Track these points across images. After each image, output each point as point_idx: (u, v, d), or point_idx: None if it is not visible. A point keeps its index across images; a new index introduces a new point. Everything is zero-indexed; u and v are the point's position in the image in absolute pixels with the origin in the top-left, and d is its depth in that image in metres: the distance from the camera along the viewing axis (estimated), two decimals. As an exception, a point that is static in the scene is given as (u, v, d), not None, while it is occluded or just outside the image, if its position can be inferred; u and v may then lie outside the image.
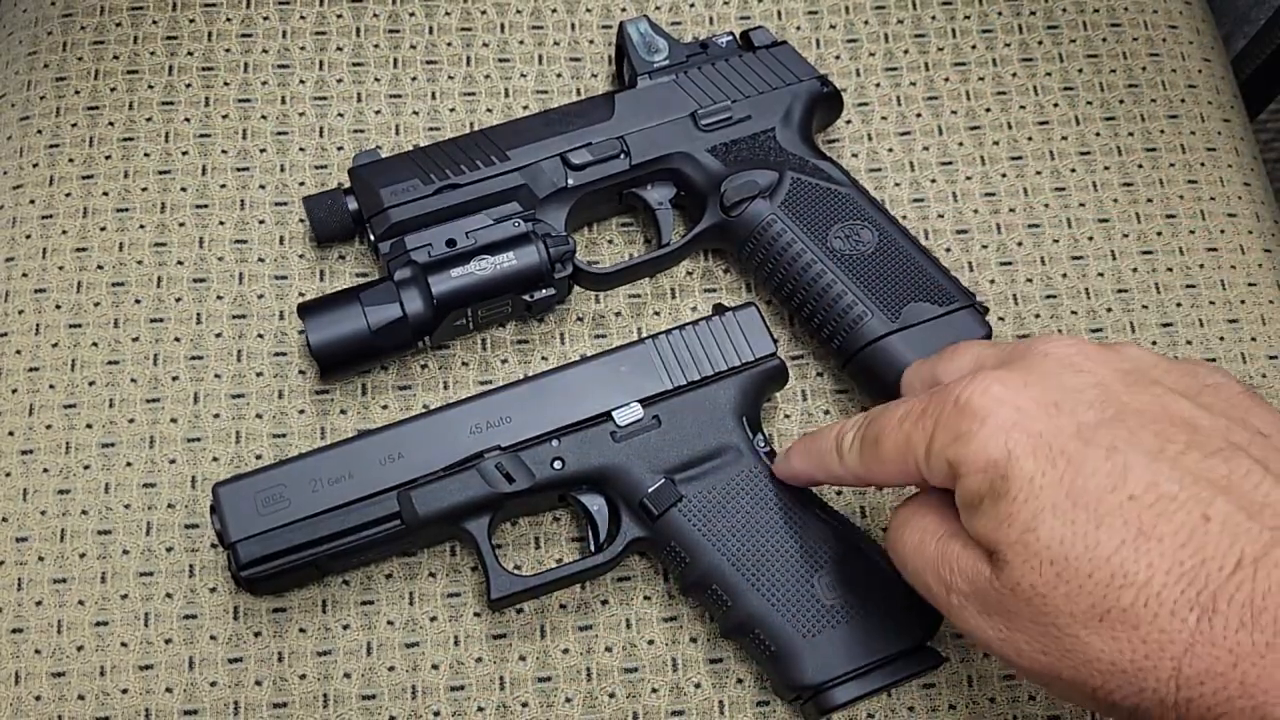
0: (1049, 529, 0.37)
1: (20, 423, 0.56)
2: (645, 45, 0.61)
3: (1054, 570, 0.37)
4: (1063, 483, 0.37)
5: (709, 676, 0.54)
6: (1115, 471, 0.37)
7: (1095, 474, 0.37)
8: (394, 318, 0.55)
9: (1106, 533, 0.36)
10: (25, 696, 0.52)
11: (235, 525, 0.50)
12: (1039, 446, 0.38)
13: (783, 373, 0.55)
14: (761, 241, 0.57)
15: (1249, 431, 0.38)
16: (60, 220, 0.61)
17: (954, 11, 0.68)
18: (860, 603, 0.50)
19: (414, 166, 0.58)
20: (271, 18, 0.66)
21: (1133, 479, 0.37)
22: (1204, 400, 0.39)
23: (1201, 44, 0.69)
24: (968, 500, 0.40)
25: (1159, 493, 0.36)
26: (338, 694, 0.53)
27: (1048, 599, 0.37)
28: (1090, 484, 0.37)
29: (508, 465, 0.52)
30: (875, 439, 0.43)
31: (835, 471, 0.47)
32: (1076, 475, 0.37)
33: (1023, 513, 0.38)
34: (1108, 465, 0.37)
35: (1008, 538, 0.38)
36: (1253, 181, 0.66)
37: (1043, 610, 0.38)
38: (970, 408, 0.39)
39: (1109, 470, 0.37)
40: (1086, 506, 0.37)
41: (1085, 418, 0.38)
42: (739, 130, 0.60)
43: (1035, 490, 0.38)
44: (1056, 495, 0.37)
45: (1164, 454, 0.37)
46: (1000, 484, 0.38)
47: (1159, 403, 0.38)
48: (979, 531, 0.39)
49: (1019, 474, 0.38)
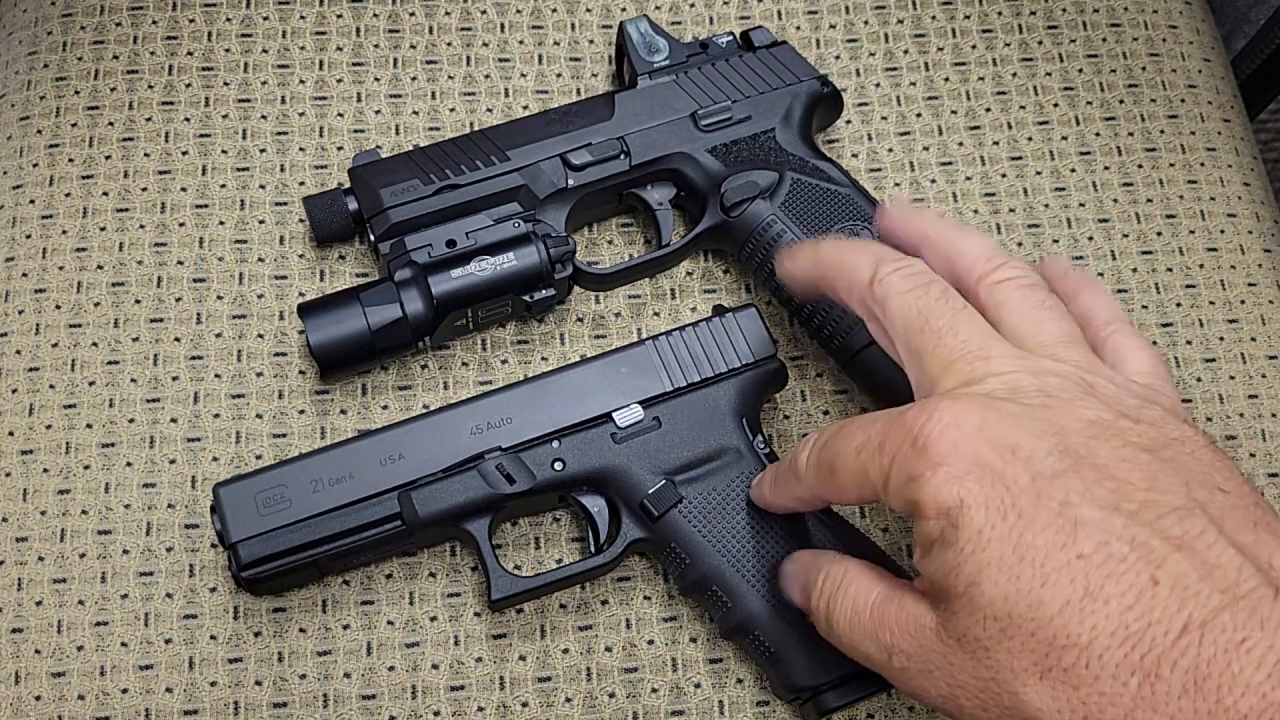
0: (993, 584, 0.37)
1: (20, 423, 0.56)
2: (645, 45, 0.61)
3: (998, 626, 0.37)
4: (1010, 537, 0.37)
5: (709, 676, 0.54)
6: (1066, 528, 0.36)
7: (1045, 529, 0.36)
8: (394, 318, 0.55)
9: (1051, 591, 0.36)
10: (25, 696, 0.52)
11: (236, 526, 0.50)
12: (991, 497, 0.37)
13: (782, 374, 0.55)
14: (762, 242, 0.57)
15: (1208, 489, 0.37)
16: (60, 220, 0.61)
17: (954, 11, 0.68)
18: None
19: (414, 167, 0.58)
20: (271, 18, 0.66)
21: (1083, 537, 0.36)
22: (1166, 455, 0.38)
23: (1201, 44, 0.69)
24: (923, 542, 0.39)
25: (1108, 553, 0.35)
26: (338, 694, 0.53)
27: (991, 653, 0.37)
28: (1039, 540, 0.36)
29: (508, 466, 0.52)
30: (830, 466, 0.43)
31: (797, 493, 0.46)
32: (1026, 530, 0.36)
33: (969, 565, 0.37)
34: (1059, 521, 0.36)
35: (954, 588, 0.38)
36: (1253, 181, 0.66)
37: (985, 663, 0.37)
38: (926, 450, 0.38)
39: (1059, 526, 0.36)
40: (1034, 563, 0.36)
41: (1041, 467, 0.37)
42: (739, 130, 0.60)
43: (983, 543, 0.37)
44: (1004, 550, 0.37)
45: (1118, 511, 0.36)
46: (950, 532, 0.38)
47: (1117, 456, 0.38)
48: (929, 573, 0.39)
49: (968, 525, 0.37)
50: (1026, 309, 0.43)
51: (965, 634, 0.37)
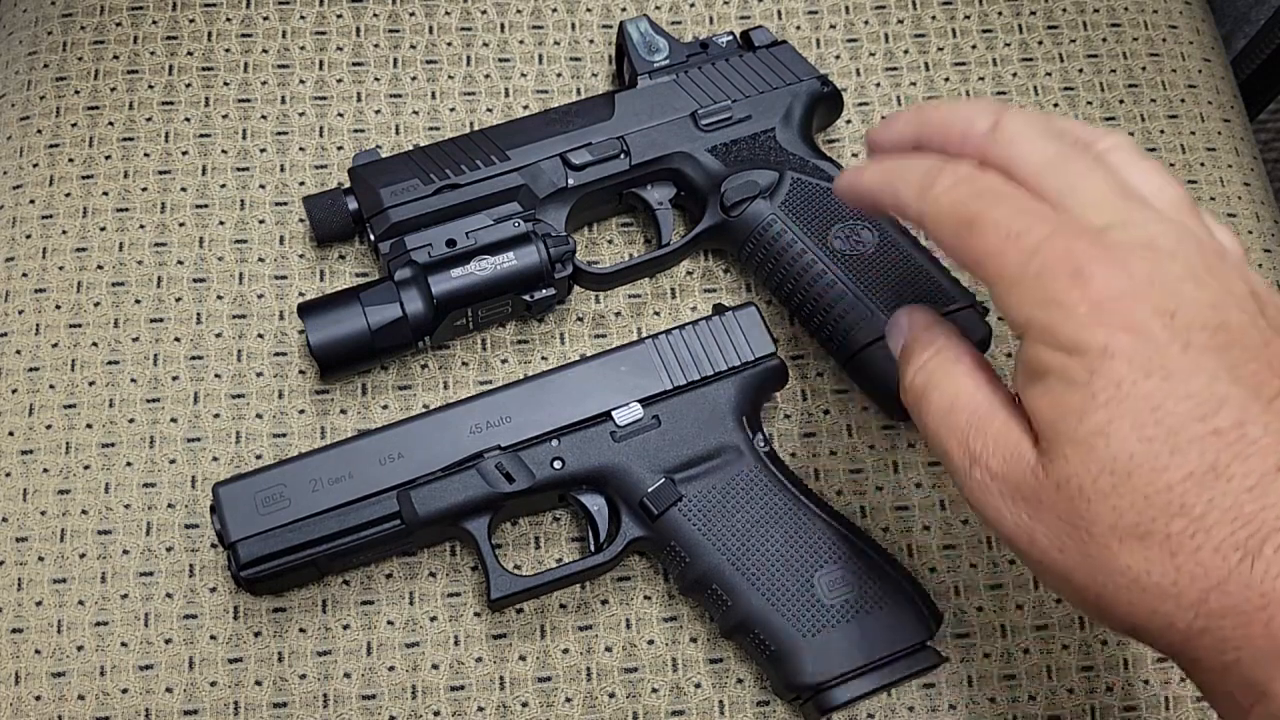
0: (1121, 439, 0.35)
1: (20, 423, 0.56)
2: (645, 45, 0.61)
3: (1111, 481, 0.35)
4: (1151, 398, 0.35)
5: (709, 676, 0.54)
6: (1209, 401, 0.35)
7: (1188, 399, 0.35)
8: (394, 318, 0.55)
9: (1179, 460, 0.35)
10: (25, 696, 0.52)
11: (235, 525, 0.50)
12: (1139, 355, 0.35)
13: (783, 373, 0.55)
14: (762, 242, 0.57)
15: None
16: (60, 220, 0.61)
17: (954, 11, 0.68)
18: (860, 602, 0.50)
19: (414, 166, 0.58)
20: (271, 18, 0.66)
21: (1224, 414, 0.35)
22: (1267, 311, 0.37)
23: (1201, 44, 0.69)
24: (1033, 368, 0.37)
25: (1243, 434, 0.35)
26: (338, 694, 0.53)
27: (1093, 505, 0.36)
28: (1180, 408, 0.35)
29: (508, 465, 0.52)
30: (969, 221, 0.39)
31: (907, 205, 0.41)
32: (1169, 396, 0.35)
33: (1098, 414, 0.36)
34: (1204, 393, 0.35)
35: (1072, 431, 0.36)
36: (1253, 181, 0.66)
37: (1082, 513, 0.36)
38: (1090, 283, 0.36)
39: (1203, 399, 0.35)
40: (1169, 429, 0.35)
41: (1198, 338, 0.36)
42: (739, 130, 0.60)
43: (1120, 396, 0.35)
44: (1141, 408, 0.35)
45: (1259, 395, 0.35)
46: (1081, 374, 0.36)
47: (1261, 336, 0.36)
48: (1036, 408, 0.37)
49: (1109, 373, 0.36)
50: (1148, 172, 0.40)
51: (1069, 480, 0.36)
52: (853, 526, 0.52)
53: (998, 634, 0.55)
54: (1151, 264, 0.36)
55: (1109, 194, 0.38)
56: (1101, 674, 0.54)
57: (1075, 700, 0.54)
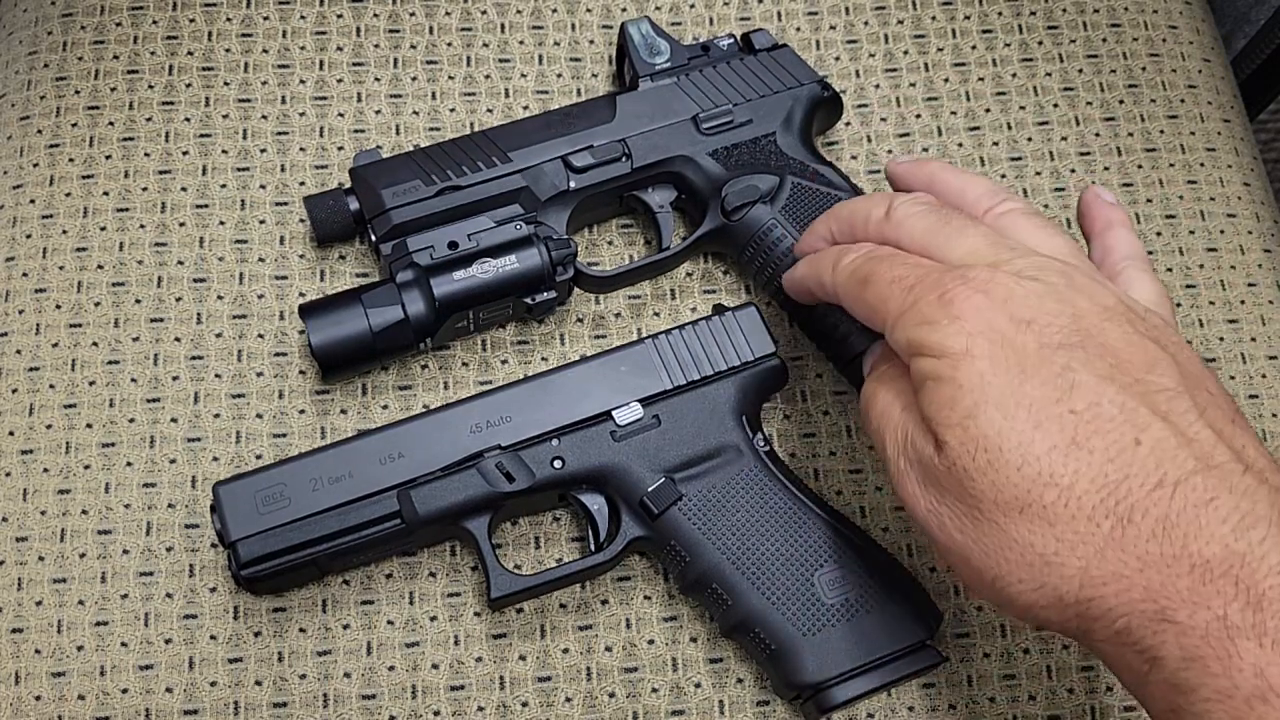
0: (988, 418, 0.40)
1: (20, 423, 0.56)
2: (647, 47, 0.61)
3: (986, 457, 0.40)
4: (1010, 385, 0.40)
5: (709, 676, 0.54)
6: (1063, 386, 0.39)
7: (1044, 385, 0.40)
8: (396, 319, 0.55)
9: (1041, 434, 0.39)
10: (25, 696, 0.52)
11: (235, 524, 0.50)
12: (997, 353, 0.40)
13: (782, 372, 0.55)
14: (762, 246, 0.57)
15: (1198, 386, 0.41)
16: (60, 220, 0.61)
17: (954, 12, 0.68)
18: (860, 601, 0.50)
19: (415, 167, 0.58)
20: (271, 18, 0.66)
21: (1077, 396, 0.39)
22: (1168, 350, 0.41)
23: (1201, 44, 0.69)
24: (918, 379, 0.43)
25: (1098, 412, 0.39)
26: (338, 694, 0.53)
27: (977, 483, 0.40)
28: (1037, 392, 0.40)
29: (508, 464, 0.52)
30: (864, 279, 0.46)
31: (825, 282, 0.49)
32: (1025, 382, 0.40)
33: (967, 399, 0.40)
34: (1058, 380, 0.40)
35: (949, 420, 0.41)
36: (1253, 181, 0.66)
37: (970, 491, 0.40)
38: (951, 304, 0.42)
39: (1057, 384, 0.40)
40: (1029, 409, 0.39)
41: (1050, 338, 0.40)
42: (740, 134, 0.60)
43: (983, 383, 0.40)
44: (1003, 393, 0.40)
45: (1113, 381, 0.39)
46: (949, 371, 0.41)
47: (1126, 339, 0.41)
48: (924, 409, 0.42)
49: (970, 369, 0.40)
50: (1033, 228, 0.47)
51: (955, 462, 0.40)
52: (853, 526, 0.53)
53: (998, 634, 0.55)
54: (1010, 287, 0.42)
55: (980, 243, 0.45)
56: (1101, 674, 0.54)
57: (1075, 700, 0.54)
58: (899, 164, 0.53)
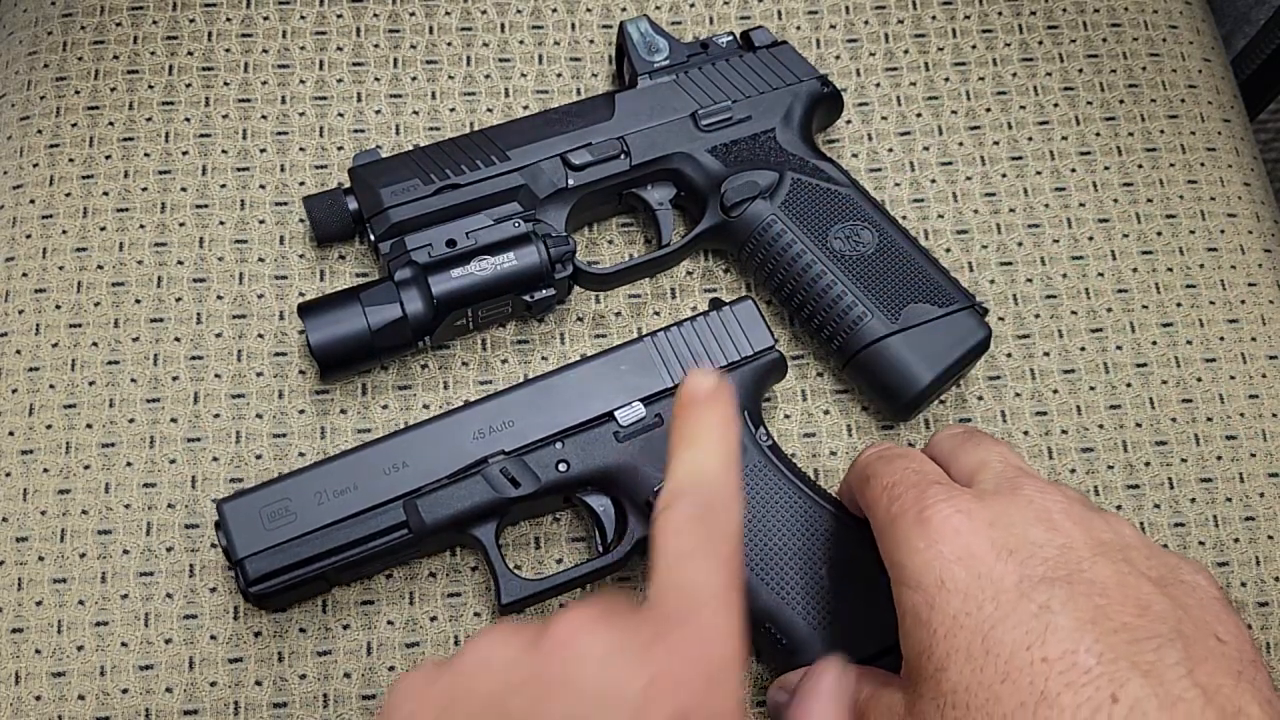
0: (958, 672, 0.37)
1: (20, 423, 0.56)
2: (646, 45, 0.61)
3: (955, 714, 0.37)
4: (982, 628, 0.37)
5: (709, 676, 0.53)
6: (1036, 629, 0.36)
7: (1016, 628, 0.37)
8: (394, 318, 0.55)
9: (1009, 689, 0.36)
10: (25, 696, 0.52)
11: (242, 541, 0.50)
12: (972, 587, 0.38)
13: (782, 365, 0.55)
14: (762, 242, 0.57)
15: (1203, 634, 0.37)
16: (60, 220, 0.61)
17: (954, 11, 0.68)
18: (869, 591, 0.50)
19: (414, 166, 0.58)
20: (271, 18, 0.66)
21: (1051, 641, 0.36)
22: (1170, 591, 0.38)
23: (1201, 44, 0.69)
24: (900, 612, 0.40)
25: (1073, 662, 0.36)
26: (338, 694, 0.53)
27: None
28: (1008, 636, 0.37)
29: (513, 470, 0.52)
30: (866, 478, 0.45)
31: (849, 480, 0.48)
32: (999, 624, 0.37)
33: (939, 649, 0.38)
34: (1032, 623, 0.37)
35: (924, 670, 0.38)
36: (1253, 181, 0.66)
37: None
38: (929, 526, 0.40)
39: (1031, 627, 0.36)
40: (998, 657, 0.36)
41: (1032, 571, 0.38)
42: (739, 130, 0.60)
43: (955, 628, 0.38)
44: (973, 639, 0.37)
45: (1095, 625, 0.36)
46: (925, 608, 0.39)
47: (1118, 577, 0.38)
48: (905, 651, 0.40)
49: (944, 607, 0.38)
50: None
51: (925, 717, 0.38)
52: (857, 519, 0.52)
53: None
54: (998, 510, 0.40)
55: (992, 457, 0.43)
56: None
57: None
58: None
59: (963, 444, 0.46)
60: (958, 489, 0.41)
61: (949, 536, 0.39)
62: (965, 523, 0.39)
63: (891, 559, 0.41)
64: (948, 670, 0.37)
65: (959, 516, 0.40)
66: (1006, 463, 0.44)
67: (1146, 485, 0.58)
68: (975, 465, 0.44)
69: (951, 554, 0.39)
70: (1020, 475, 0.43)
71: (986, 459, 0.44)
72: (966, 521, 0.39)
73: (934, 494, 0.41)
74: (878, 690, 0.42)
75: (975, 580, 0.38)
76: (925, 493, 0.41)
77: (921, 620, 0.39)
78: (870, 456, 0.46)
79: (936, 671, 0.38)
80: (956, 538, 0.39)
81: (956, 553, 0.39)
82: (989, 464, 0.44)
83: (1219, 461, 0.59)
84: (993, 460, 0.44)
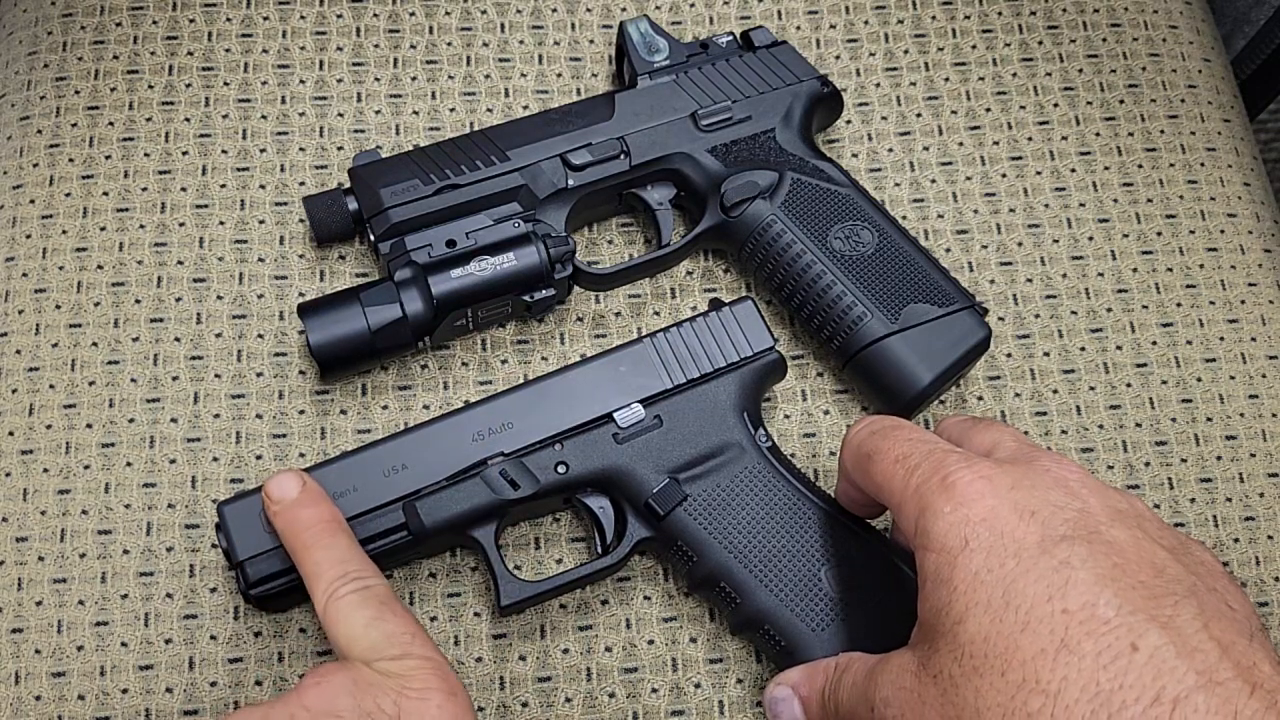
0: (977, 623, 0.38)
1: (20, 423, 0.56)
2: (645, 45, 0.61)
3: (971, 664, 0.38)
4: (1003, 582, 0.38)
5: (709, 676, 0.54)
6: (1057, 583, 0.37)
7: (1038, 581, 0.38)
8: (394, 318, 0.55)
9: (1030, 638, 0.37)
10: (25, 696, 0.52)
11: (242, 544, 0.50)
12: (996, 545, 0.39)
13: (781, 365, 0.55)
14: (761, 242, 0.57)
15: (1215, 599, 0.38)
16: (60, 220, 0.61)
17: (954, 11, 0.68)
18: (867, 594, 0.50)
19: (414, 166, 0.58)
20: (271, 18, 0.66)
21: (1072, 594, 0.37)
22: (1184, 560, 0.39)
23: (1201, 44, 0.69)
24: (922, 576, 0.41)
25: (1092, 613, 0.36)
26: (338, 694, 0.53)
27: (960, 690, 0.38)
28: (1029, 589, 0.38)
29: (512, 472, 0.52)
30: (869, 455, 0.45)
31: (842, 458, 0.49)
32: (1020, 578, 0.38)
33: (958, 603, 0.39)
34: (1053, 575, 0.38)
35: (941, 625, 0.39)
36: (1253, 181, 0.66)
37: (953, 700, 0.38)
38: (952, 490, 0.41)
39: (1051, 580, 0.37)
40: (1019, 609, 0.37)
41: (1053, 531, 0.39)
42: (739, 130, 0.60)
43: (976, 584, 0.39)
44: (994, 592, 0.38)
45: (1114, 581, 0.37)
46: (947, 570, 0.39)
47: (1134, 541, 0.39)
48: (923, 613, 0.41)
49: (965, 565, 0.39)
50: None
51: (940, 670, 0.39)
52: (857, 520, 0.52)
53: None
54: (1018, 475, 0.41)
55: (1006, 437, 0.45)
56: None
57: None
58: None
59: (973, 426, 0.47)
60: (975, 457, 0.42)
61: (974, 499, 0.40)
62: (988, 486, 0.40)
63: (915, 526, 0.42)
64: (966, 622, 0.38)
65: (981, 481, 0.41)
66: (1019, 441, 0.45)
67: (1146, 485, 0.58)
68: (989, 444, 0.45)
69: (976, 515, 0.40)
70: (1034, 450, 0.44)
71: (999, 439, 0.45)
72: (989, 485, 0.40)
73: (954, 460, 0.42)
74: (890, 657, 0.43)
75: (998, 539, 0.39)
76: (944, 460, 0.42)
77: (943, 579, 0.39)
78: (863, 434, 0.47)
79: (954, 625, 0.39)
80: (981, 500, 0.40)
81: (981, 514, 0.40)
82: (1002, 442, 0.45)
83: (1219, 461, 0.59)
84: (1005, 439, 0.45)
